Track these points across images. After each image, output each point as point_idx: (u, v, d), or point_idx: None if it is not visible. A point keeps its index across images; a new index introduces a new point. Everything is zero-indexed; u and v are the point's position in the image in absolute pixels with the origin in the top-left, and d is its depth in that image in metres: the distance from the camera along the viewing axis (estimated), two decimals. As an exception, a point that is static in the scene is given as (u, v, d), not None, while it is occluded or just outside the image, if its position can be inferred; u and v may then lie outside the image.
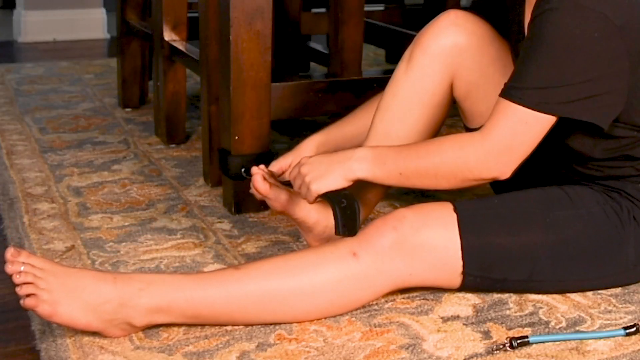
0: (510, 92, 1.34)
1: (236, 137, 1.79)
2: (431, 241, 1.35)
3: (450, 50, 1.50)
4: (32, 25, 4.17)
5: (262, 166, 1.55)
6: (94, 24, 4.30)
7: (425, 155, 1.38)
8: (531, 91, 1.32)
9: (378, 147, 1.45)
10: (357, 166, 1.40)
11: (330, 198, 1.40)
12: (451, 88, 1.53)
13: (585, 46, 1.30)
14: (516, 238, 1.37)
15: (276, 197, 1.52)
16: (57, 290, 1.24)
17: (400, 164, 1.40)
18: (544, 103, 1.32)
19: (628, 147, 1.41)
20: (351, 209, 1.38)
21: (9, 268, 1.24)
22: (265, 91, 1.79)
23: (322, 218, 1.55)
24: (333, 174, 1.40)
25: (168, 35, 2.31)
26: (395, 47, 1.72)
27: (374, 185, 1.54)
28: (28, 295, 1.23)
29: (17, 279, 1.23)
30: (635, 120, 1.39)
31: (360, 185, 1.53)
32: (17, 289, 1.24)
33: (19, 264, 1.24)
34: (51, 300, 1.23)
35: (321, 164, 1.42)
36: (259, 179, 1.51)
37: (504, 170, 1.36)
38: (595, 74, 1.32)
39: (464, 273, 1.37)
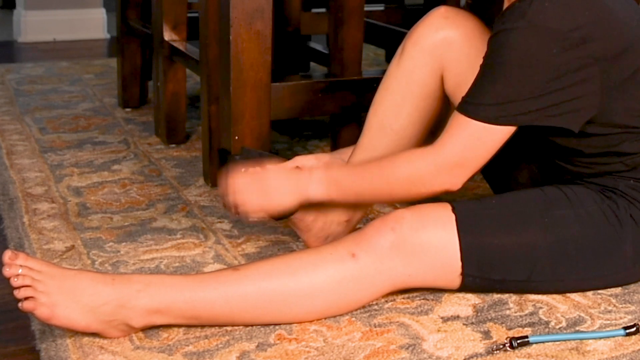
0: (466, 107, 1.37)
1: (236, 137, 1.79)
2: (430, 242, 1.35)
3: (440, 43, 1.52)
4: (32, 25, 4.17)
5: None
6: (94, 24, 4.30)
7: (379, 175, 1.43)
8: (487, 107, 1.35)
9: (333, 170, 1.48)
10: (313, 188, 1.46)
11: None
12: (442, 81, 1.54)
13: (542, 63, 1.31)
14: (515, 238, 1.38)
15: None
16: (55, 292, 1.24)
17: (356, 186, 1.46)
18: (501, 117, 1.35)
19: (614, 143, 1.41)
20: None
21: (7, 271, 1.23)
22: (265, 91, 1.79)
23: (320, 216, 1.55)
24: (287, 197, 1.46)
25: (168, 35, 2.31)
26: (395, 47, 1.72)
27: None
28: (26, 298, 1.23)
29: (14, 282, 1.23)
30: (614, 120, 1.39)
31: None
32: (15, 292, 1.23)
33: (16, 267, 1.23)
34: (49, 302, 1.23)
35: (277, 179, 1.47)
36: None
37: (456, 182, 1.40)
38: (558, 85, 1.33)
39: (463, 274, 1.37)
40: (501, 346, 1.27)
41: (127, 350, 1.27)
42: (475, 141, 1.37)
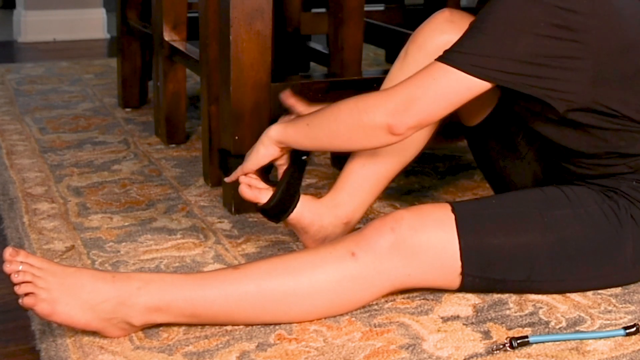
0: (443, 55, 1.35)
1: (236, 137, 1.79)
2: (429, 242, 1.35)
3: (445, 47, 1.50)
4: (32, 25, 4.17)
5: (252, 176, 1.55)
6: (94, 24, 4.30)
7: (333, 103, 1.43)
8: (459, 54, 1.33)
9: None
10: (273, 129, 1.49)
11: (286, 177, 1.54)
12: None
13: (527, 31, 1.30)
14: (514, 238, 1.37)
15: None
16: (55, 289, 1.24)
17: (311, 115, 1.46)
18: (474, 66, 1.32)
19: (616, 144, 1.41)
20: (290, 195, 1.53)
21: (7, 267, 1.24)
22: (265, 91, 1.79)
23: (316, 219, 1.55)
24: (255, 150, 1.51)
25: (168, 35, 2.31)
26: (395, 47, 1.73)
27: (369, 183, 1.55)
28: (27, 294, 1.23)
29: (15, 278, 1.23)
30: (612, 112, 1.38)
31: (356, 183, 1.54)
32: (16, 288, 1.24)
33: (17, 264, 1.24)
34: (50, 299, 1.23)
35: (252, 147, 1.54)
36: (245, 189, 1.53)
37: (399, 120, 1.34)
38: (544, 61, 1.32)
39: (462, 274, 1.37)
40: (501, 346, 1.27)
41: (127, 350, 1.27)
42: (431, 80, 1.33)
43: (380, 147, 1.44)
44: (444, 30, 1.51)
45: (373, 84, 1.94)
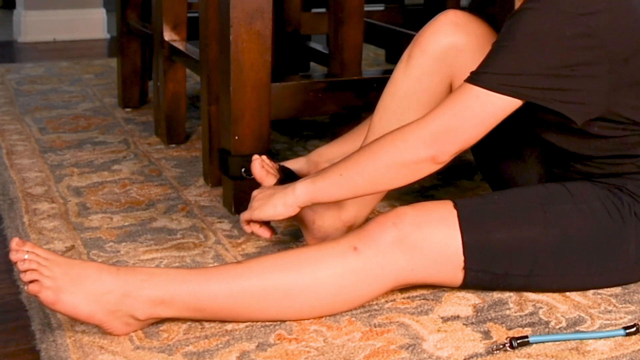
0: (469, 77, 1.34)
1: (236, 137, 1.79)
2: (432, 237, 1.35)
3: (449, 50, 1.50)
4: (32, 25, 4.17)
5: (264, 156, 1.59)
6: (94, 24, 4.30)
7: (364, 147, 1.41)
8: (490, 75, 1.32)
9: (320, 171, 1.47)
10: (299, 188, 1.42)
11: None
12: (450, 88, 1.53)
13: (553, 44, 1.30)
14: (516, 233, 1.37)
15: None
16: (60, 278, 1.25)
17: (341, 164, 1.41)
18: (504, 85, 1.31)
19: (623, 145, 1.41)
20: None
21: (14, 256, 1.25)
22: (265, 91, 1.79)
23: (317, 217, 1.55)
24: (273, 201, 1.44)
25: (168, 35, 2.31)
26: (395, 47, 1.73)
27: None
28: (31, 282, 1.24)
29: (21, 265, 1.24)
30: (622, 120, 1.38)
31: None
32: (22, 275, 1.25)
33: (23, 252, 1.25)
34: (54, 287, 1.24)
35: (267, 192, 1.48)
36: (257, 166, 1.55)
37: (442, 150, 1.34)
38: (568, 72, 1.31)
39: (465, 268, 1.37)
40: (501, 346, 1.27)
41: (127, 350, 1.27)
42: (464, 108, 1.33)
43: (425, 176, 1.42)
44: (448, 33, 1.49)
45: (373, 84, 1.95)
